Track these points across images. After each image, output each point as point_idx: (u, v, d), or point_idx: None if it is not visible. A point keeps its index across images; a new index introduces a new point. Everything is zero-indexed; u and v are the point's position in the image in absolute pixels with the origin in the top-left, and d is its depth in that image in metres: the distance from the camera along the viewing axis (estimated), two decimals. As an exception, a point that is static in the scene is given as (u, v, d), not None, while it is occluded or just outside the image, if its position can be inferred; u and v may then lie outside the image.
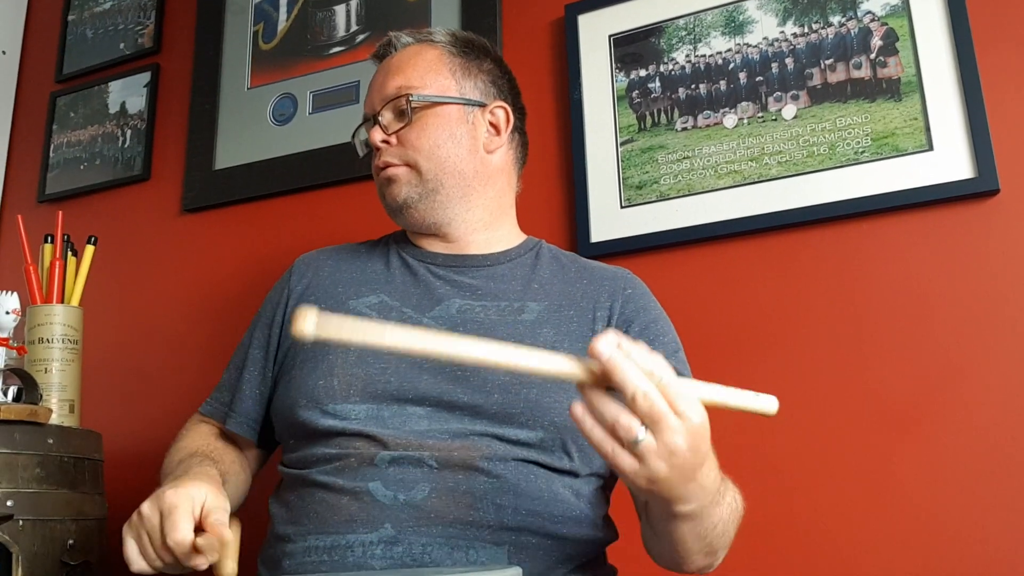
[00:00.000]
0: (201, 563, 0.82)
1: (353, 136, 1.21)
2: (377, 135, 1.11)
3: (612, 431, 0.67)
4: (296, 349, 1.09)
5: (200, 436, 1.13)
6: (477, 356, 0.67)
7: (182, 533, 0.81)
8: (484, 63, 1.17)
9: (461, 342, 0.67)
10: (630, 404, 0.66)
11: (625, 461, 0.68)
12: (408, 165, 1.10)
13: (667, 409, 0.66)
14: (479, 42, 1.19)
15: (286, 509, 0.99)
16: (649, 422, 0.66)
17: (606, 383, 0.67)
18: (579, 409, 0.69)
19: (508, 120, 1.15)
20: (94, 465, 1.28)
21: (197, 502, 0.84)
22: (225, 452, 1.10)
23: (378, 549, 0.89)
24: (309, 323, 0.65)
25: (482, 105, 1.13)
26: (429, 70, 1.12)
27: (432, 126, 1.10)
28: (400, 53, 1.16)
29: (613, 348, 0.67)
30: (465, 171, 1.10)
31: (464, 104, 1.12)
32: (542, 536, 0.92)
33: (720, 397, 0.70)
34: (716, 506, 0.81)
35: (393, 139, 1.10)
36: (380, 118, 1.12)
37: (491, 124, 1.14)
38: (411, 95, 1.09)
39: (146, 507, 0.85)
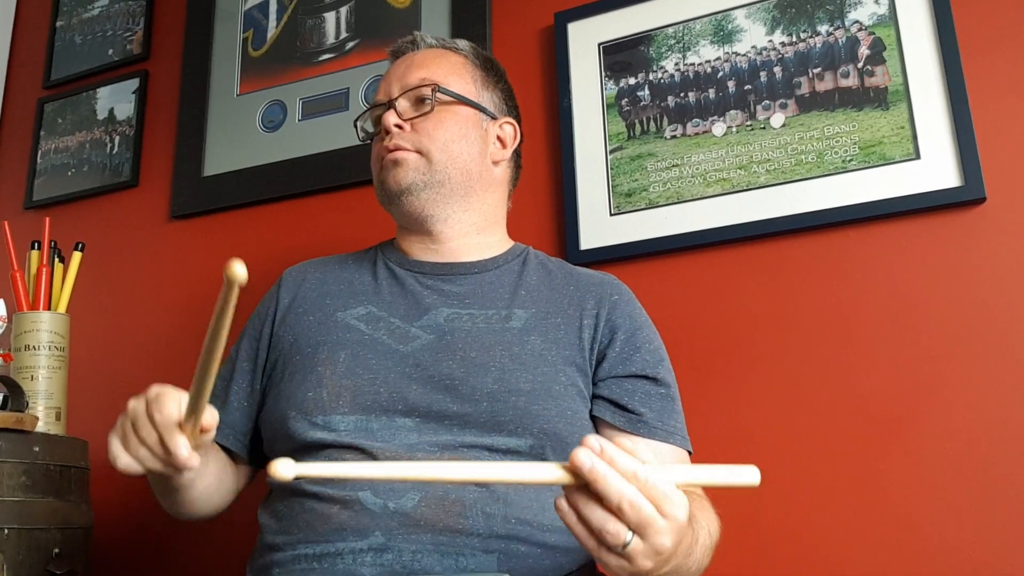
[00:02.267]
0: (183, 455, 0.81)
1: (356, 121, 1.21)
2: (392, 118, 1.11)
3: (599, 536, 0.66)
4: (284, 361, 1.08)
5: None
6: (465, 476, 0.67)
7: (168, 409, 0.81)
8: (500, 82, 1.20)
9: (447, 467, 0.66)
10: (616, 512, 0.65)
11: (611, 560, 0.68)
12: (420, 152, 1.10)
13: (654, 513, 0.66)
14: (497, 64, 1.23)
15: (275, 519, 0.99)
16: (636, 527, 0.66)
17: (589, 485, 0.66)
18: (564, 504, 0.68)
19: (515, 137, 1.19)
20: (80, 473, 1.27)
21: (184, 396, 0.84)
22: (212, 447, 1.09)
23: (368, 556, 0.89)
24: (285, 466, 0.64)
25: (494, 118, 1.17)
26: (453, 71, 1.15)
27: (450, 121, 1.12)
28: (425, 51, 1.18)
29: (594, 458, 0.65)
30: (472, 171, 1.12)
31: (481, 111, 1.15)
32: (532, 544, 0.91)
33: (702, 478, 0.69)
34: (690, 556, 0.80)
35: (407, 126, 1.11)
36: (397, 104, 1.12)
37: (498, 138, 1.17)
38: (438, 85, 1.12)
39: (132, 400, 0.86)
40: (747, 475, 0.67)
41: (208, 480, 1.03)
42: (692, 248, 1.37)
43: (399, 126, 1.11)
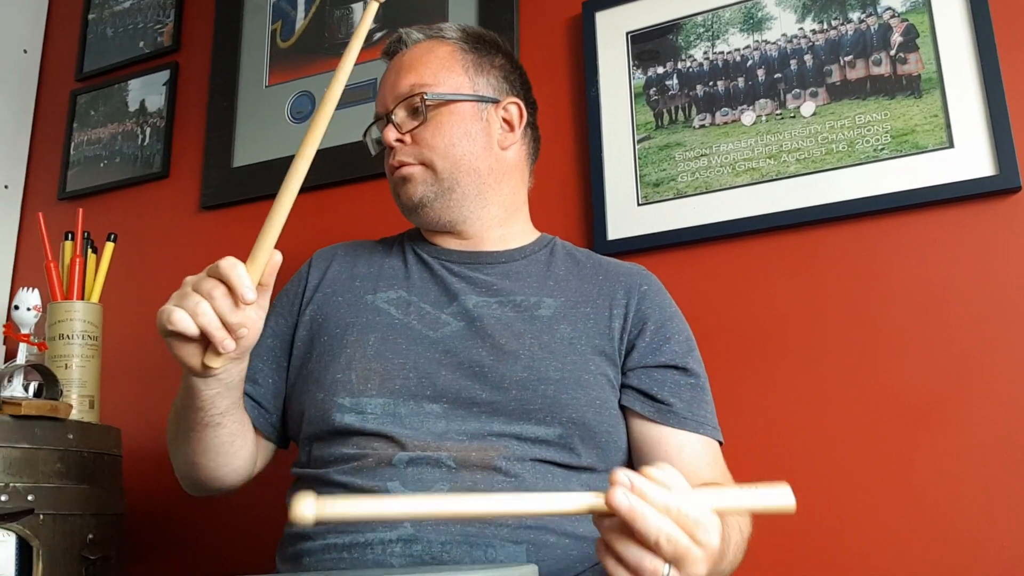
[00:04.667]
0: (246, 287, 0.81)
1: (365, 135, 1.20)
2: (391, 134, 1.10)
3: (636, 572, 0.66)
4: (313, 341, 1.09)
5: None
6: (500, 509, 0.66)
7: (229, 260, 0.82)
8: (495, 59, 1.16)
9: (482, 500, 0.66)
10: (654, 548, 0.65)
11: None
12: (423, 164, 1.09)
13: (690, 544, 0.65)
14: (489, 37, 1.18)
15: (305, 507, 0.99)
16: (673, 560, 0.65)
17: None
18: (602, 549, 0.68)
19: (521, 116, 1.15)
20: (113, 460, 1.29)
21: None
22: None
23: (397, 547, 0.89)
24: (307, 506, 0.64)
25: (495, 102, 1.13)
26: (442, 67, 1.12)
27: (447, 124, 1.09)
28: (411, 50, 1.15)
29: (631, 497, 0.65)
30: (480, 168, 1.10)
31: (478, 101, 1.12)
32: (560, 535, 0.92)
33: (737, 502, 0.70)
34: (723, 559, 0.80)
35: (407, 138, 1.10)
36: (393, 116, 1.11)
37: (504, 120, 1.14)
38: (426, 93, 1.09)
39: (191, 276, 0.84)
40: (782, 497, 0.67)
41: (231, 427, 0.99)
42: (720, 239, 1.36)
43: (400, 140, 1.10)
